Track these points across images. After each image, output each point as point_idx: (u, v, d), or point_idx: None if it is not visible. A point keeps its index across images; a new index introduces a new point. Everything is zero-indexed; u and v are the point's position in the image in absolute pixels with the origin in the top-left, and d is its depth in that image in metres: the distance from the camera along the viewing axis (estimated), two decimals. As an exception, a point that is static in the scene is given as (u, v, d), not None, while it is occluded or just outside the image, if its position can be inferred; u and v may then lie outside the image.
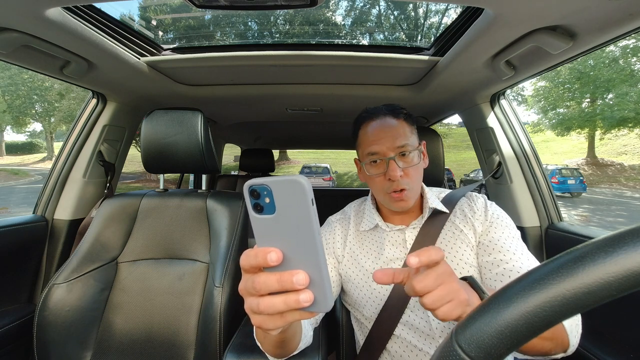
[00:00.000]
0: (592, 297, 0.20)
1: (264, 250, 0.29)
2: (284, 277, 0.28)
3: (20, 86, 17.89)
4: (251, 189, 0.30)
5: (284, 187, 0.28)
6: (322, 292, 0.29)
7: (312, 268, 0.29)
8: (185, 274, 0.91)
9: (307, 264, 0.29)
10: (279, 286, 0.29)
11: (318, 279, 0.29)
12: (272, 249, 0.29)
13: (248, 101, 1.34)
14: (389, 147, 0.67)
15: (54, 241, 1.10)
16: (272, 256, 0.29)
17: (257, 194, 0.30)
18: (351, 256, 0.76)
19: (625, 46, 14.66)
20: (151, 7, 1.38)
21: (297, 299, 0.28)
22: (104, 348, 0.85)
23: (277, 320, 0.30)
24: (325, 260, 0.29)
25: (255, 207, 0.30)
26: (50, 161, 21.97)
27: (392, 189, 0.67)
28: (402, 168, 0.67)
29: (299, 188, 0.28)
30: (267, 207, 0.29)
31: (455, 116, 1.47)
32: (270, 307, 0.29)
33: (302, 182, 0.28)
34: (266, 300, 0.29)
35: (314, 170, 13.08)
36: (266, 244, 0.30)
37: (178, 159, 0.97)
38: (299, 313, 0.30)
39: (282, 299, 0.29)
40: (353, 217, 0.81)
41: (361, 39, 2.05)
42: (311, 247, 0.29)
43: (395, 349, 0.67)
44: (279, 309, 0.29)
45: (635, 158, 17.46)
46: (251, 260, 0.30)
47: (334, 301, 0.29)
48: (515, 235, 0.67)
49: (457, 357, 0.22)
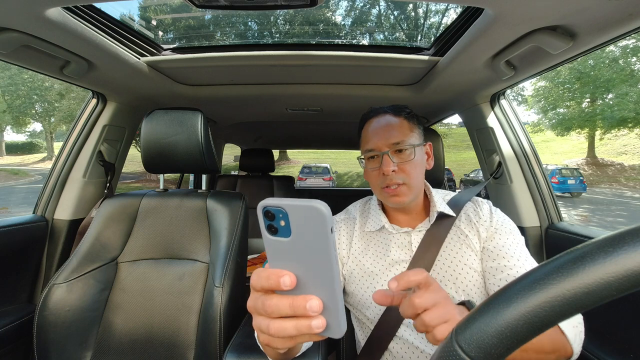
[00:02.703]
0: (592, 297, 0.20)
1: (277, 274, 0.28)
2: (297, 302, 0.27)
3: (20, 86, 17.87)
4: (265, 210, 0.28)
5: (301, 212, 0.27)
6: (336, 318, 0.28)
7: (326, 294, 0.28)
8: (185, 274, 0.91)
9: (322, 289, 0.28)
10: (291, 311, 0.28)
11: (332, 305, 0.28)
12: (285, 272, 0.28)
13: (248, 101, 1.34)
14: (385, 142, 0.69)
15: (54, 241, 1.10)
16: (286, 280, 0.28)
17: (271, 216, 0.28)
18: (356, 257, 0.75)
19: (625, 46, 14.66)
20: (151, 7, 1.38)
21: (309, 325, 0.27)
22: (104, 348, 0.85)
23: (286, 342, 0.29)
24: (340, 287, 0.28)
25: (269, 228, 0.28)
26: (50, 161, 21.97)
27: (385, 184, 0.68)
28: (397, 163, 0.68)
29: (318, 215, 0.26)
30: (282, 229, 0.28)
31: (455, 116, 1.47)
32: (281, 331, 0.28)
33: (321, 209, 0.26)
34: (277, 324, 0.28)
35: (313, 170, 13.06)
36: (279, 266, 0.29)
37: (178, 159, 0.97)
38: (309, 337, 0.29)
39: (294, 324, 0.28)
40: (359, 217, 0.81)
41: (361, 39, 2.05)
42: (327, 274, 0.27)
43: (397, 350, 0.67)
44: (290, 333, 0.28)
45: (635, 158, 17.46)
46: (263, 282, 0.29)
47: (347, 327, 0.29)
48: (520, 241, 0.68)
49: (457, 357, 0.22)
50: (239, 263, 0.90)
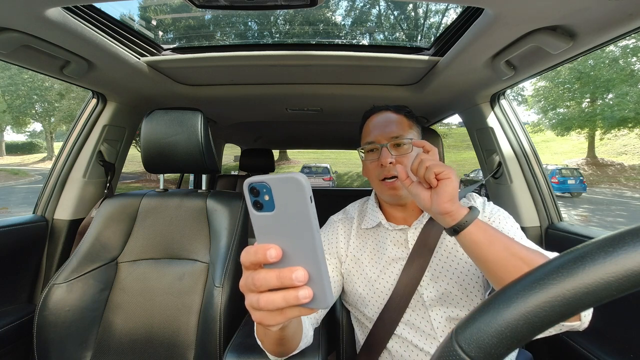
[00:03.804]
0: (592, 297, 0.20)
1: (263, 247, 0.30)
2: (283, 273, 0.29)
3: (20, 86, 17.88)
4: (251, 187, 0.30)
5: (282, 184, 0.29)
6: (321, 288, 0.29)
7: (311, 265, 0.29)
8: (185, 274, 0.91)
9: (306, 260, 0.29)
10: (278, 282, 0.29)
11: (317, 275, 0.29)
12: (271, 245, 0.30)
13: (248, 101, 1.34)
14: (384, 136, 0.72)
15: (54, 241, 1.10)
16: (272, 253, 0.29)
17: (256, 192, 0.30)
18: (354, 255, 0.76)
19: (625, 46, 14.66)
20: (151, 7, 1.38)
21: (297, 295, 0.29)
22: (104, 348, 0.85)
23: (277, 316, 0.31)
24: (324, 257, 0.30)
25: (255, 204, 0.30)
26: (50, 161, 21.97)
27: (384, 175, 0.70)
28: (395, 156, 0.70)
29: (297, 185, 0.28)
30: (266, 204, 0.30)
31: (455, 116, 1.47)
32: (270, 304, 0.29)
33: (300, 180, 0.28)
34: (266, 297, 0.30)
35: (314, 170, 13.08)
36: (266, 241, 0.30)
37: (178, 159, 0.97)
38: (298, 309, 0.31)
39: (282, 295, 0.29)
40: (356, 216, 0.82)
41: (361, 39, 2.05)
42: (310, 244, 0.29)
43: (396, 349, 0.67)
44: (279, 305, 0.29)
45: (635, 158, 17.46)
46: (251, 257, 0.30)
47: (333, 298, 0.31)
48: (517, 226, 0.69)
49: (457, 357, 0.22)
50: (239, 263, 0.90)
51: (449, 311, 0.65)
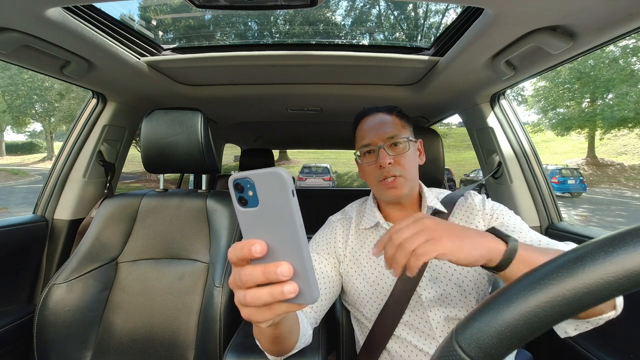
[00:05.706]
0: (592, 297, 0.20)
1: (249, 243, 0.30)
2: (268, 268, 0.29)
3: (20, 86, 17.88)
4: (235, 182, 0.30)
5: (265, 179, 0.29)
6: (307, 283, 0.29)
7: (295, 260, 0.29)
8: (185, 274, 0.91)
9: (291, 255, 0.29)
10: (264, 278, 0.29)
11: (302, 270, 0.29)
12: (256, 241, 0.30)
13: (248, 101, 1.34)
14: (380, 137, 0.71)
15: (54, 241, 1.10)
16: (257, 248, 0.29)
17: (241, 187, 0.30)
18: (353, 255, 0.76)
19: (625, 46, 14.66)
20: (151, 7, 1.38)
21: (282, 291, 0.29)
22: (104, 348, 0.85)
23: (265, 312, 0.31)
24: (308, 252, 0.30)
25: (240, 200, 0.30)
26: (50, 161, 21.97)
27: (383, 176, 0.70)
28: (393, 156, 0.70)
29: (279, 180, 0.28)
30: (250, 200, 0.30)
31: (455, 116, 1.47)
32: (257, 299, 0.29)
33: (281, 174, 0.28)
34: (252, 292, 0.30)
35: (313, 170, 13.07)
36: (252, 236, 0.31)
37: (178, 159, 0.97)
38: (286, 305, 0.31)
39: (267, 290, 0.29)
40: (355, 216, 0.81)
41: (361, 39, 2.05)
42: (294, 239, 0.29)
43: (396, 349, 0.67)
44: (265, 300, 0.29)
45: (635, 158, 17.45)
46: (237, 253, 0.30)
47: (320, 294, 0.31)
48: (519, 218, 0.69)
49: (457, 357, 0.22)
50: None
51: (447, 311, 0.65)
